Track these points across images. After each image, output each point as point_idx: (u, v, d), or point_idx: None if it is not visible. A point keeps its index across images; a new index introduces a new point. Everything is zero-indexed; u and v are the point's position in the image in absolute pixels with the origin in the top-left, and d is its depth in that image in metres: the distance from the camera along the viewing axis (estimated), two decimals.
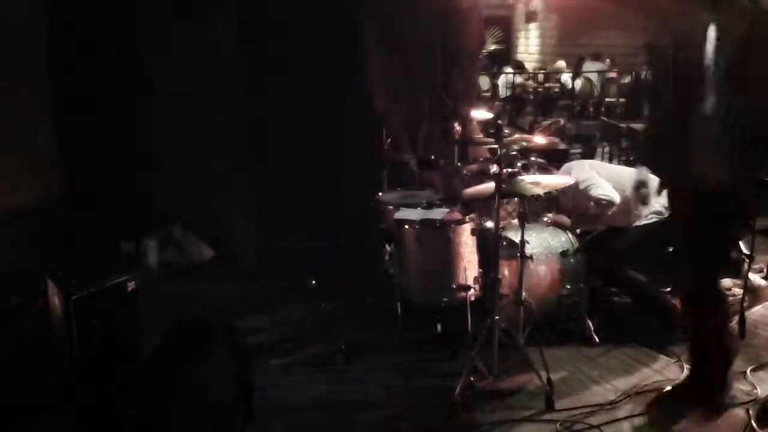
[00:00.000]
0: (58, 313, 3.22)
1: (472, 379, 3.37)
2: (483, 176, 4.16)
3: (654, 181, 3.75)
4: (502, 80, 13.54)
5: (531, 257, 3.73)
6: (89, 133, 4.69)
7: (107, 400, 2.69)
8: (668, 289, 4.19)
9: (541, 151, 4.61)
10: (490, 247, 3.51)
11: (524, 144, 3.96)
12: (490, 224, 3.87)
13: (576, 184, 3.89)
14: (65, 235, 4.34)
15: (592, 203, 3.97)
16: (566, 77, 13.59)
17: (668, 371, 3.60)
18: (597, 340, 3.88)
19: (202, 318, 2.95)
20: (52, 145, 4.65)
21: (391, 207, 4.08)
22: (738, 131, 2.76)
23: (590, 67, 13.70)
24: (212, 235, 5.22)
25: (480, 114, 5.55)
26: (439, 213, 3.83)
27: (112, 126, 4.76)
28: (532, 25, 16.42)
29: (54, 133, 4.67)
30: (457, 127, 4.62)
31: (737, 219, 3.20)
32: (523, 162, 4.21)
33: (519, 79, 12.85)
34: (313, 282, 3.80)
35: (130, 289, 3.37)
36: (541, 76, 13.75)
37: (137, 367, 3.12)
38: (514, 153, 4.16)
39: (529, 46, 16.65)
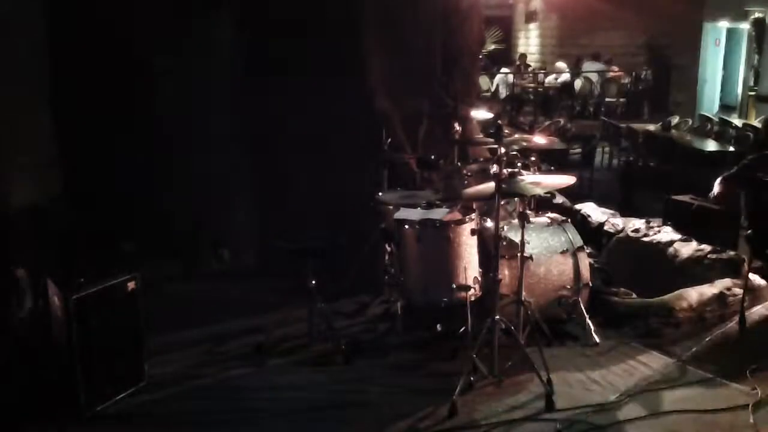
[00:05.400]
0: (58, 313, 3.22)
1: (472, 379, 3.37)
2: (483, 176, 4.16)
3: None
4: (501, 79, 13.57)
5: (531, 257, 3.74)
6: (89, 133, 4.68)
7: None
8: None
9: (541, 151, 4.62)
10: (490, 247, 3.51)
11: (524, 144, 3.96)
12: (490, 224, 3.87)
13: None
14: (65, 235, 4.34)
15: None
16: (551, 78, 13.63)
17: (668, 371, 3.60)
18: (597, 340, 3.88)
19: None
20: (52, 145, 4.65)
21: (391, 207, 4.08)
22: None
23: (590, 67, 13.72)
24: (212, 235, 5.21)
25: (480, 114, 5.56)
26: (439, 213, 3.82)
27: (112, 126, 4.75)
28: (532, 25, 16.43)
29: (54, 133, 4.66)
30: (457, 127, 4.62)
31: None
32: (523, 162, 4.21)
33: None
34: (313, 282, 3.80)
35: (130, 289, 3.37)
36: (541, 76, 13.77)
37: None
38: (514, 153, 4.17)
39: (529, 46, 16.66)
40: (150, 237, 4.85)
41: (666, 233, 4.82)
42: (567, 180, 3.73)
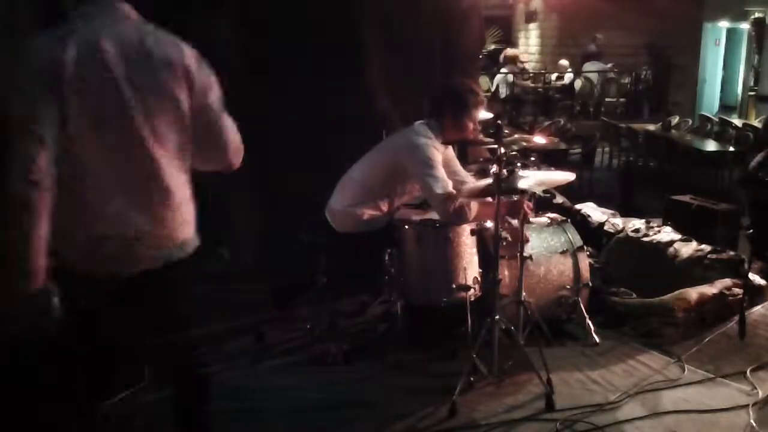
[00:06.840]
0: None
1: (472, 379, 3.37)
2: (483, 176, 4.16)
3: None
4: (501, 79, 13.58)
5: (531, 257, 3.73)
6: None
7: None
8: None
9: (541, 151, 4.62)
10: (490, 247, 3.51)
11: (524, 144, 3.96)
12: (490, 224, 3.86)
13: None
14: None
15: None
16: (553, 77, 13.62)
17: (668, 371, 3.60)
18: (597, 340, 3.89)
19: None
20: None
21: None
22: None
23: (590, 67, 13.72)
24: (212, 235, 5.20)
25: (480, 114, 5.53)
26: None
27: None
28: (532, 25, 16.42)
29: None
30: None
31: None
32: (523, 162, 4.21)
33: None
34: (324, 279, 3.80)
35: None
36: (547, 76, 13.75)
37: None
38: (514, 153, 4.16)
39: (529, 46, 16.65)
40: None
41: (666, 233, 4.82)
42: (566, 176, 3.70)
